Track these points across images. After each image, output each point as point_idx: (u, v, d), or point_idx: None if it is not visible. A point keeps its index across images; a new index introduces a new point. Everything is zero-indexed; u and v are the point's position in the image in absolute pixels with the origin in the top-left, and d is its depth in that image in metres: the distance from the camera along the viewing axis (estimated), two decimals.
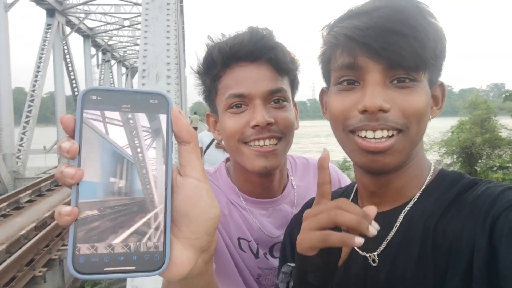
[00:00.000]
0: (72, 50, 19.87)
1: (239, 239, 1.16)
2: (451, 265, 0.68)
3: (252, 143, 1.06)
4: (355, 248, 0.80)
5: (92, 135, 0.48)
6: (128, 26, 23.46)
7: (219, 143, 5.02)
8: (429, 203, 0.76)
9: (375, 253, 0.78)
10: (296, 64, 1.14)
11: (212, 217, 0.54)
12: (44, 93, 18.31)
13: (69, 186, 0.47)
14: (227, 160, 1.29)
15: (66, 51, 19.08)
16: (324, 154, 0.70)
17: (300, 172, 1.31)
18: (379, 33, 0.69)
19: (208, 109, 1.23)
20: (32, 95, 15.14)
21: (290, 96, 1.13)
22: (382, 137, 0.71)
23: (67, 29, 19.14)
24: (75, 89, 20.59)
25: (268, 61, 1.07)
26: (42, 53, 15.73)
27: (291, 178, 1.27)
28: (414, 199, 0.79)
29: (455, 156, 14.95)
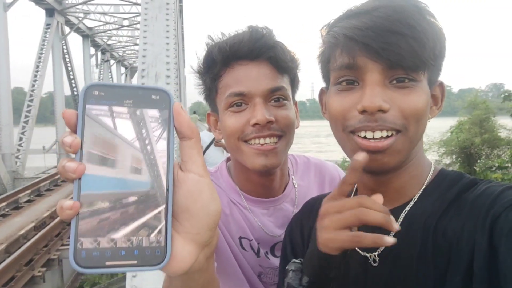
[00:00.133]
0: (71, 50, 19.87)
1: (240, 238, 1.16)
2: (451, 264, 0.68)
3: (252, 141, 1.06)
4: (356, 248, 0.80)
5: (94, 130, 0.48)
6: (128, 26, 23.46)
7: (217, 141, 5.01)
8: (430, 202, 0.76)
9: (376, 253, 0.78)
10: (296, 62, 1.14)
11: (213, 212, 0.54)
12: (43, 93, 18.32)
13: (71, 181, 0.48)
14: (228, 160, 1.29)
15: (65, 50, 19.07)
16: (362, 157, 0.67)
17: (301, 171, 1.31)
18: (378, 33, 0.69)
19: (207, 109, 1.24)
20: (31, 95, 15.14)
21: (291, 94, 1.13)
22: (381, 137, 0.71)
23: (66, 29, 19.13)
24: (74, 89, 20.58)
25: (268, 59, 1.07)
26: (41, 53, 15.72)
27: (292, 177, 1.27)
28: (415, 199, 0.79)
29: (454, 156, 14.96)
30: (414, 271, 0.72)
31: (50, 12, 16.59)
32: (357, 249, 0.81)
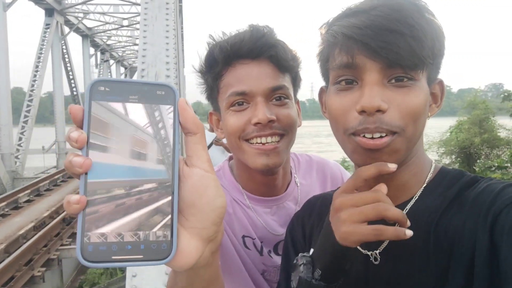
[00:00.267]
0: (71, 50, 19.84)
1: (243, 237, 1.16)
2: (453, 262, 0.68)
3: (254, 140, 1.06)
4: (357, 247, 0.81)
5: (100, 125, 0.49)
6: (127, 26, 23.46)
7: (217, 140, 5.00)
8: (431, 200, 0.76)
9: (377, 251, 0.78)
10: (298, 61, 1.14)
11: (219, 207, 0.55)
12: (42, 93, 18.31)
13: (77, 176, 0.48)
14: (230, 159, 1.29)
15: (64, 50, 19.05)
16: (389, 167, 0.69)
17: (303, 170, 1.31)
18: (377, 32, 0.68)
19: (207, 109, 1.24)
20: (30, 95, 15.14)
21: (292, 93, 1.13)
22: (380, 136, 0.71)
23: (66, 29, 19.12)
24: (74, 89, 20.58)
25: (269, 58, 1.07)
26: (41, 53, 15.72)
27: (295, 175, 1.27)
28: (416, 197, 0.79)
29: (453, 156, 14.99)
30: (416, 269, 0.72)
31: (49, 12, 16.59)
32: (358, 247, 0.80)
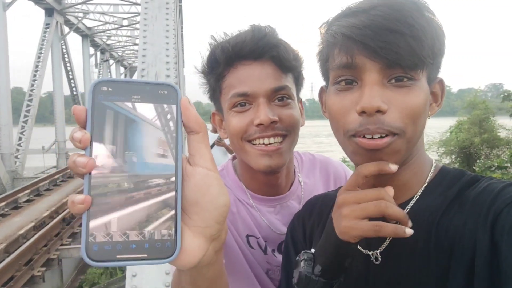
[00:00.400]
0: (71, 49, 19.83)
1: (247, 236, 1.16)
2: (453, 262, 0.68)
3: (256, 141, 1.06)
4: (358, 246, 0.81)
5: (103, 125, 0.49)
6: (127, 26, 23.44)
7: (219, 140, 5.00)
8: (432, 199, 0.76)
9: (378, 251, 0.78)
10: (300, 60, 1.14)
11: (222, 205, 0.55)
12: (42, 93, 18.29)
13: (81, 175, 0.48)
14: (233, 158, 1.29)
15: (64, 50, 19.04)
16: (390, 168, 0.71)
17: (307, 168, 1.31)
18: (376, 31, 0.68)
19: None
20: (30, 95, 15.13)
21: (295, 93, 1.12)
22: (380, 137, 0.71)
23: (66, 29, 19.10)
24: (74, 88, 20.57)
25: (271, 59, 1.06)
26: (41, 53, 15.70)
27: (298, 174, 1.27)
28: (417, 196, 0.78)
29: (453, 156, 14.98)
30: (416, 268, 0.72)
31: (49, 11, 16.57)
32: (359, 247, 0.80)
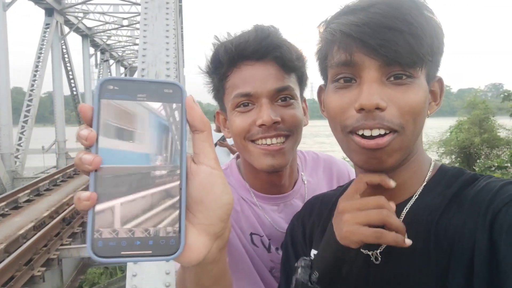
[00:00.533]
0: (71, 49, 19.83)
1: (251, 234, 1.17)
2: (453, 262, 0.68)
3: (259, 141, 1.06)
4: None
5: (109, 123, 0.50)
6: (127, 26, 23.42)
7: (221, 141, 4.99)
8: (431, 199, 0.76)
9: (378, 251, 0.78)
10: (304, 60, 1.14)
11: (226, 203, 0.55)
12: (42, 93, 18.29)
13: (87, 173, 0.49)
14: (237, 157, 1.30)
15: (64, 50, 19.02)
16: (390, 184, 0.74)
17: (310, 167, 1.32)
18: (375, 29, 0.68)
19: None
20: (30, 95, 15.11)
21: (298, 93, 1.13)
22: (379, 134, 0.70)
23: (66, 29, 19.09)
24: (74, 88, 20.56)
25: (274, 59, 1.07)
26: (41, 53, 15.68)
27: (301, 173, 1.27)
28: (416, 195, 0.78)
29: (453, 156, 14.99)
30: (416, 268, 0.72)
31: (49, 11, 16.55)
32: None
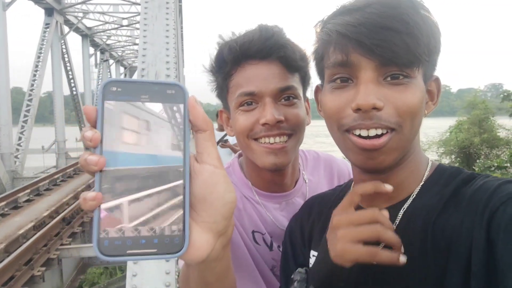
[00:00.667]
0: (70, 49, 19.81)
1: (253, 232, 1.17)
2: (451, 261, 0.67)
3: (262, 140, 1.07)
4: None
5: (112, 124, 0.51)
6: (127, 26, 23.42)
7: (223, 143, 4.99)
8: (428, 198, 0.76)
9: None
10: (307, 60, 1.15)
11: (229, 202, 0.56)
12: (42, 93, 18.28)
13: (92, 173, 0.50)
14: (239, 156, 1.31)
15: (64, 50, 19.01)
16: (386, 188, 0.72)
17: (311, 166, 1.33)
18: (371, 29, 0.68)
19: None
20: (30, 95, 15.10)
21: (301, 92, 1.14)
22: (376, 135, 0.70)
23: (66, 29, 19.08)
24: (73, 88, 20.53)
25: (278, 59, 1.08)
26: (40, 53, 15.67)
27: (303, 172, 1.29)
28: (413, 195, 0.78)
29: (453, 156, 15.00)
30: (414, 268, 0.71)
31: (49, 11, 16.54)
32: None
